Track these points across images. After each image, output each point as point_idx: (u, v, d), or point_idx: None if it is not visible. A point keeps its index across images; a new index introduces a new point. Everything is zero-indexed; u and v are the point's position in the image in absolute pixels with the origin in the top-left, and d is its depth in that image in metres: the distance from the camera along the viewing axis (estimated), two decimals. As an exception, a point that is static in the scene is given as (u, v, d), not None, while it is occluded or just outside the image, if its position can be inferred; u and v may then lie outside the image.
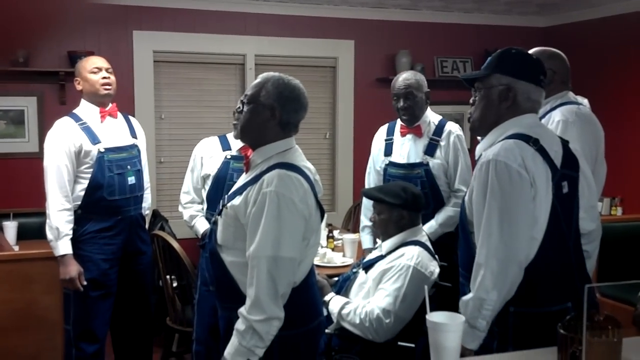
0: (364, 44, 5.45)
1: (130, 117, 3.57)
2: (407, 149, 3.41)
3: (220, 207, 2.20)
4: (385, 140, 3.52)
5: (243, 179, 2.23)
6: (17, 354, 3.11)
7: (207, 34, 5.00)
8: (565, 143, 2.13)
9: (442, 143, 3.33)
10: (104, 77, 3.32)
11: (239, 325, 2.03)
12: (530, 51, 2.66)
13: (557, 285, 2.01)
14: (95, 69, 3.31)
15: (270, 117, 2.13)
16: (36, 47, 4.62)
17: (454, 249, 3.36)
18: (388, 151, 3.48)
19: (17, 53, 4.49)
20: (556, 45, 2.93)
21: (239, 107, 2.20)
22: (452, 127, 3.38)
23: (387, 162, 3.46)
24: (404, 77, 3.34)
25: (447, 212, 3.30)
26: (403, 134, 3.43)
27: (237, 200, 2.11)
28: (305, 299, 2.17)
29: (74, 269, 3.16)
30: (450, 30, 5.67)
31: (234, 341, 2.04)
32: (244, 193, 2.10)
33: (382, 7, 5.36)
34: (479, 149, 2.13)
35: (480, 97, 2.12)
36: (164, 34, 4.90)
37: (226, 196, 2.22)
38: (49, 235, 3.16)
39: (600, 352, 1.35)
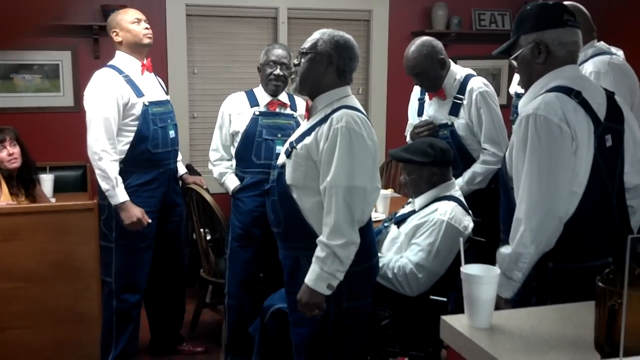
0: (399, -4, 5.33)
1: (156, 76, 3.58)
2: (433, 111, 3.35)
3: (289, 149, 2.31)
4: (419, 99, 3.47)
5: (306, 124, 2.36)
6: (55, 302, 3.20)
7: (240, -13, 4.94)
8: (610, 94, 2.06)
9: (465, 102, 3.20)
10: (146, 28, 3.33)
11: (319, 252, 2.18)
12: None
13: (598, 240, 1.97)
14: (136, 20, 3.31)
15: (328, 64, 2.30)
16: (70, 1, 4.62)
17: (490, 205, 3.33)
18: (420, 111, 3.43)
19: (51, 7, 4.50)
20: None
21: (296, 61, 2.35)
22: (474, 83, 3.20)
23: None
24: (408, 58, 3.23)
25: (473, 169, 3.20)
26: (430, 97, 3.36)
27: (308, 140, 2.26)
28: (369, 238, 2.35)
29: (136, 210, 3.21)
30: (489, -18, 5.50)
31: (314, 268, 2.19)
32: (313, 133, 2.25)
33: (418, -42, 5.23)
34: (521, 103, 2.08)
35: (518, 64, 2.10)
36: (196, -14, 4.86)
37: (293, 140, 2.34)
38: (105, 185, 3.16)
39: (640, 306, 1.31)
